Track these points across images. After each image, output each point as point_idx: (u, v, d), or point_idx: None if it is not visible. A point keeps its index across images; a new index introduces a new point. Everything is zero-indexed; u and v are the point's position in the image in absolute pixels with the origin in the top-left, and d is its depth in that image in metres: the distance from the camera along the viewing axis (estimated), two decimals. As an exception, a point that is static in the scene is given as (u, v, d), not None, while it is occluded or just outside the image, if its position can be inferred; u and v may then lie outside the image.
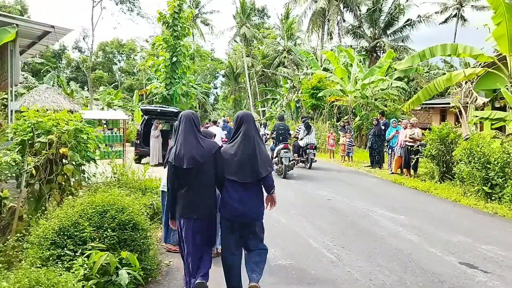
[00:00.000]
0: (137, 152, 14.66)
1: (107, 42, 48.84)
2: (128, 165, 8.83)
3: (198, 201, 3.65)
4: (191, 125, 3.71)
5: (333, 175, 12.70)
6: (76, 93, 27.65)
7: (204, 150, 3.65)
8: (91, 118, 9.27)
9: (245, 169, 3.58)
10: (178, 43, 26.84)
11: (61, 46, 40.48)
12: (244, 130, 3.68)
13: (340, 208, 8.00)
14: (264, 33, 43.79)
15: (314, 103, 22.91)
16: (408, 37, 34.71)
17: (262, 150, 3.72)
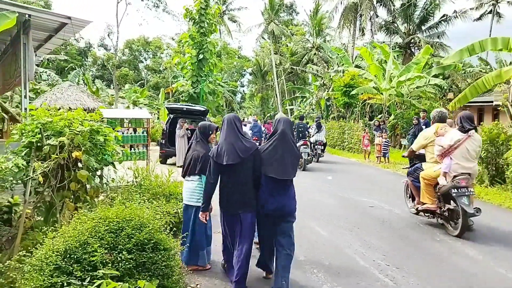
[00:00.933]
0: (162, 152, 14.11)
1: (133, 40, 49.02)
2: (151, 168, 8.19)
3: (239, 196, 3.95)
4: (232, 126, 4.06)
5: (371, 179, 11.71)
6: (101, 91, 27.56)
7: (243, 148, 3.93)
8: (112, 117, 8.65)
9: (283, 167, 3.85)
10: (204, 39, 26.30)
11: (86, 44, 40.76)
12: (282, 131, 3.97)
13: (386, 217, 7.07)
14: (292, 30, 42.76)
15: (347, 101, 21.84)
16: (444, 33, 32.99)
17: (297, 149, 4.07)
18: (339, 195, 9.02)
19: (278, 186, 3.91)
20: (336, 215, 7.24)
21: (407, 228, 6.47)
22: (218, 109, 33.30)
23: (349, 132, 20.91)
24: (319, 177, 11.82)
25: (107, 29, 30.20)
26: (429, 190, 6.30)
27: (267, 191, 3.93)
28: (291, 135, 4.05)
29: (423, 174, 6.37)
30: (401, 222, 6.79)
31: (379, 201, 8.36)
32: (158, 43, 47.22)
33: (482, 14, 39.41)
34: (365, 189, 9.88)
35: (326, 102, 29.36)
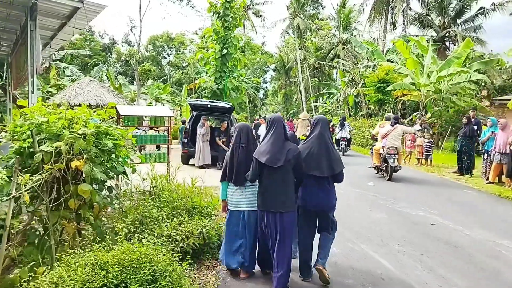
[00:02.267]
0: (185, 152, 13.04)
1: (157, 36, 48.29)
2: (172, 174, 7.08)
3: (278, 196, 3.92)
4: (281, 128, 4.06)
5: (419, 186, 10.28)
6: (124, 87, 26.83)
7: (285, 151, 3.91)
8: (129, 115, 7.58)
9: (321, 165, 3.99)
10: (229, 34, 25.22)
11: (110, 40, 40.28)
12: (320, 131, 4.12)
13: (457, 240, 5.72)
14: (318, 24, 41.10)
15: (380, 98, 20.23)
16: (481, 26, 30.73)
17: (334, 149, 4.17)
18: (388, 208, 7.68)
19: (317, 183, 4.07)
20: (393, 235, 5.93)
21: (490, 258, 5.10)
22: (241, 106, 32.19)
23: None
24: (357, 182, 10.48)
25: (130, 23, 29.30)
26: (377, 156, 11.43)
27: (306, 188, 4.11)
28: (329, 134, 4.18)
29: (374, 148, 11.68)
30: (477, 249, 5.43)
31: (440, 217, 6.98)
32: (181, 39, 46.25)
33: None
34: (416, 199, 8.49)
35: (355, 99, 27.75)
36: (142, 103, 25.48)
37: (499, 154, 10.00)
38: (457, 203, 8.29)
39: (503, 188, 9.70)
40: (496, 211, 7.72)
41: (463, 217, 7.05)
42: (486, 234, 6.05)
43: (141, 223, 5.03)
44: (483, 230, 6.26)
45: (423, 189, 9.86)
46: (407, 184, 10.56)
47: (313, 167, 4.02)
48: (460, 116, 19.34)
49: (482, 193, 9.55)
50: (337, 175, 4.12)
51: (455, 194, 9.25)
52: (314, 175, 4.03)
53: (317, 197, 4.06)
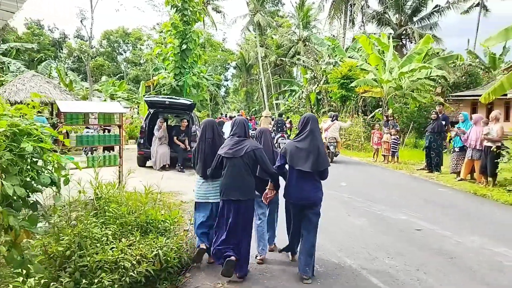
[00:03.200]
0: (141, 153, 11.79)
1: (111, 31, 45.63)
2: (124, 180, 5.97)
3: (236, 186, 4.11)
4: (242, 127, 4.33)
5: (392, 185, 9.75)
6: (75, 83, 24.81)
7: (244, 147, 4.15)
8: (71, 111, 6.37)
9: (308, 161, 4.08)
10: (188, 29, 23.93)
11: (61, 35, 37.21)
12: (310, 128, 4.21)
13: (448, 248, 5.09)
14: (278, 22, 40.55)
15: (344, 95, 19.80)
16: (437, 24, 31.48)
17: (322, 147, 4.23)
18: (367, 211, 6.98)
19: (303, 178, 4.13)
20: (380, 246, 5.19)
21: (493, 271, 4.46)
22: (202, 104, 30.93)
23: (347, 128, 18.95)
24: (329, 182, 9.76)
25: (80, 15, 26.77)
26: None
27: (293, 182, 4.18)
28: (317, 131, 4.25)
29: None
30: (476, 260, 4.79)
31: (423, 221, 6.36)
32: (138, 34, 44.00)
33: (469, 7, 38.09)
34: (394, 201, 7.88)
35: (317, 96, 27.38)
36: (95, 101, 23.65)
37: (471, 150, 9.67)
38: (436, 203, 7.76)
39: (477, 186, 9.35)
40: (480, 212, 7.24)
41: (448, 221, 6.47)
42: (479, 240, 5.46)
43: (79, 247, 3.95)
44: (474, 235, 5.67)
45: (397, 189, 9.31)
46: (380, 183, 10.01)
47: (299, 162, 4.11)
48: (422, 112, 19.41)
49: (457, 191, 9.13)
50: (322, 172, 4.20)
51: (430, 193, 8.76)
52: (300, 170, 4.12)
53: (303, 190, 4.14)
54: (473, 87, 27.47)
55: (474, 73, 28.48)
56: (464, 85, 27.76)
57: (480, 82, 28.23)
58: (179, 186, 9.13)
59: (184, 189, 8.82)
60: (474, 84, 27.92)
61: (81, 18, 23.76)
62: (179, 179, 10.24)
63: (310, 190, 4.15)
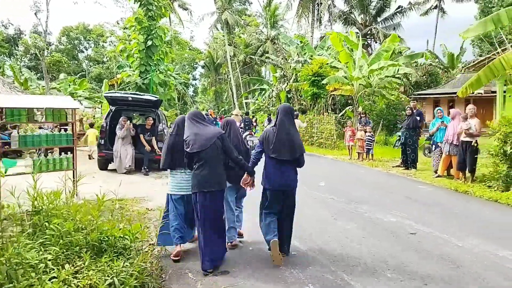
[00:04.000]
0: (101, 155, 10.63)
1: (71, 27, 43.04)
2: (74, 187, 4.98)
3: (207, 177, 4.00)
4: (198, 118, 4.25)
5: (370, 183, 9.20)
6: (30, 82, 22.91)
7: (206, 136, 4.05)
8: (13, 106, 5.29)
9: (283, 149, 4.12)
10: (153, 24, 22.67)
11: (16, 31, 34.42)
12: (280, 117, 4.21)
13: (450, 254, 4.48)
14: (246, 20, 39.76)
15: (315, 92, 19.27)
16: (400, 25, 31.88)
17: (296, 134, 4.25)
18: (353, 214, 6.31)
19: (281, 165, 4.16)
20: (376, 255, 4.49)
21: (507, 280, 3.86)
22: (170, 103, 29.60)
23: (319, 126, 18.47)
24: (307, 181, 9.09)
25: (34, 7, 24.29)
26: None
27: (271, 170, 4.20)
28: (289, 121, 4.23)
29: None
30: (483, 266, 4.19)
31: (414, 222, 5.76)
32: (100, 31, 41.70)
33: (428, 10, 38.92)
34: (377, 201, 7.27)
35: (287, 94, 26.82)
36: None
37: (448, 145, 9.29)
38: (420, 202, 7.23)
39: (456, 182, 8.95)
40: (468, 210, 6.74)
41: (440, 221, 5.91)
42: (480, 243, 4.89)
43: (8, 278, 2.98)
44: (473, 238, 5.10)
45: (378, 187, 8.75)
46: (358, 182, 9.43)
47: (273, 150, 4.14)
48: (390, 110, 19.23)
49: (437, 188, 8.68)
50: (297, 159, 4.19)
51: (412, 191, 8.25)
52: (275, 158, 4.15)
53: (278, 177, 4.15)
54: (434, 86, 27.91)
55: (434, 73, 28.94)
56: (425, 84, 28.15)
57: (440, 81, 28.75)
58: (144, 191, 8.14)
59: (150, 194, 7.85)
60: (434, 83, 28.38)
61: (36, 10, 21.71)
62: (144, 183, 9.23)
63: (289, 176, 4.18)
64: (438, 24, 37.34)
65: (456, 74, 29.74)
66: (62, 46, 43.16)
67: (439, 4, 37.62)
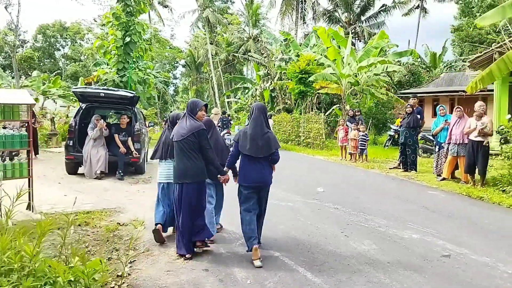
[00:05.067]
0: (70, 158, 9.23)
1: (47, 25, 40.76)
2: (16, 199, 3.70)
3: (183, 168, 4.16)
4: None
5: (372, 188, 8.17)
6: (1, 79, 21.07)
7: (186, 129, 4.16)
8: None
9: (256, 146, 4.13)
10: (131, 20, 21.14)
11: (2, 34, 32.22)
12: (254, 116, 4.22)
13: (502, 286, 3.42)
14: (228, 19, 38.47)
15: (302, 90, 18.23)
16: (384, 23, 31.31)
17: (269, 132, 4.23)
18: (367, 229, 5.23)
19: (255, 162, 4.19)
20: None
21: None
22: (150, 102, 28.10)
23: (305, 125, 17.45)
24: (302, 188, 8.02)
25: (4, 1, 22.19)
26: None
27: (246, 167, 4.24)
28: (264, 119, 4.23)
29: None
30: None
31: (441, 239, 4.74)
32: (77, 28, 39.63)
33: (410, 9, 38.60)
34: (388, 211, 6.21)
35: (271, 93, 25.74)
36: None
37: (456, 146, 8.37)
38: (439, 212, 6.22)
39: (465, 186, 8.03)
40: (497, 222, 5.73)
41: (472, 238, 4.89)
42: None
43: None
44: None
45: (382, 192, 7.73)
46: (360, 186, 8.38)
47: (247, 148, 4.16)
48: (380, 109, 18.42)
49: (449, 194, 7.71)
50: (271, 155, 4.22)
51: (422, 198, 7.25)
52: (250, 155, 4.18)
53: (252, 174, 4.20)
54: (416, 85, 27.41)
55: (417, 72, 28.44)
56: (407, 83, 27.61)
57: (422, 80, 28.28)
58: (117, 200, 6.89)
59: (124, 204, 6.60)
60: (417, 82, 27.88)
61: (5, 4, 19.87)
62: (118, 190, 7.94)
63: (263, 173, 4.22)
64: (420, 24, 37.12)
65: (438, 73, 29.39)
66: (38, 44, 40.87)
67: (421, 3, 37.34)
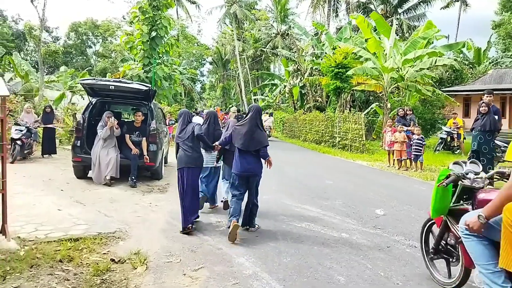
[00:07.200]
0: (77, 160, 7.75)
1: (79, 23, 40.40)
2: None
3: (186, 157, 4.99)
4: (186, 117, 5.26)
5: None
6: (31, 75, 20.26)
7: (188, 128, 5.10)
8: None
9: (248, 142, 4.68)
10: (158, 14, 19.86)
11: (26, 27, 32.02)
12: (252, 116, 4.75)
13: None
14: (256, 15, 36.74)
15: (338, 86, 16.18)
16: (425, 15, 28.59)
17: (259, 131, 4.77)
18: None
19: (247, 154, 4.72)
20: None
21: None
22: (176, 98, 26.75)
23: (341, 125, 15.46)
24: (356, 209, 6.17)
25: None
26: None
27: (239, 158, 4.77)
28: (259, 119, 4.80)
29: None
30: None
31: None
32: (108, 26, 38.98)
33: (449, 2, 35.49)
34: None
35: (301, 90, 23.81)
36: (48, 93, 19.16)
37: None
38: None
39: None
40: None
41: None
42: None
43: None
44: None
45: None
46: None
47: (240, 142, 4.70)
48: (427, 107, 16.15)
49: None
50: (258, 150, 4.72)
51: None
52: (241, 149, 4.72)
53: (243, 164, 4.72)
54: (458, 83, 24.71)
55: (459, 69, 25.70)
56: (449, 80, 24.92)
57: (465, 77, 25.50)
58: (121, 218, 5.30)
59: (128, 225, 5.02)
60: (459, 79, 25.14)
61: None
62: (127, 201, 6.37)
63: (252, 164, 4.74)
64: (460, 18, 34.06)
65: (485, 70, 26.45)
66: (70, 41, 40.65)
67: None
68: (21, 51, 36.92)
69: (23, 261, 3.47)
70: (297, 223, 5.34)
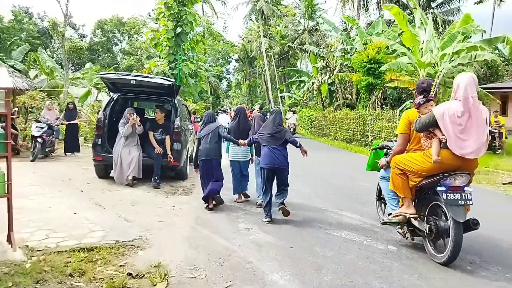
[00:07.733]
0: (98, 159, 7.42)
1: (105, 20, 40.99)
2: None
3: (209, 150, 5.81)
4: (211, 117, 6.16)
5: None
6: (56, 72, 20.43)
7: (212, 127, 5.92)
8: None
9: (272, 139, 5.30)
10: (183, 10, 19.51)
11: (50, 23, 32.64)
12: (273, 117, 5.48)
13: None
14: (282, 11, 36.00)
15: (371, 82, 15.31)
16: (459, 9, 27.03)
17: (282, 128, 5.43)
18: None
19: (273, 149, 5.24)
20: None
21: None
22: (202, 96, 26.48)
23: (373, 123, 14.61)
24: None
25: None
26: None
27: (265, 153, 5.28)
28: (279, 119, 5.48)
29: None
30: None
31: None
32: (134, 23, 39.35)
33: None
34: None
35: (329, 87, 22.97)
36: (74, 90, 19.27)
37: None
38: None
39: None
40: None
41: None
42: None
43: None
44: None
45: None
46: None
47: (265, 140, 5.31)
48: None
49: None
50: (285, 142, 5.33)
51: None
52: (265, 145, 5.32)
53: (268, 158, 5.22)
54: (494, 80, 23.11)
55: (495, 65, 23.99)
56: (484, 78, 23.36)
57: (501, 74, 23.84)
58: (142, 223, 4.86)
59: (150, 231, 4.58)
60: (494, 77, 23.52)
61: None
62: (149, 204, 5.94)
63: (278, 158, 5.21)
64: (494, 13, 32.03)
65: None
66: (96, 39, 41.30)
67: (497, -10, 32.21)
68: (47, 48, 37.62)
69: (28, 275, 3.05)
70: (336, 231, 4.77)
